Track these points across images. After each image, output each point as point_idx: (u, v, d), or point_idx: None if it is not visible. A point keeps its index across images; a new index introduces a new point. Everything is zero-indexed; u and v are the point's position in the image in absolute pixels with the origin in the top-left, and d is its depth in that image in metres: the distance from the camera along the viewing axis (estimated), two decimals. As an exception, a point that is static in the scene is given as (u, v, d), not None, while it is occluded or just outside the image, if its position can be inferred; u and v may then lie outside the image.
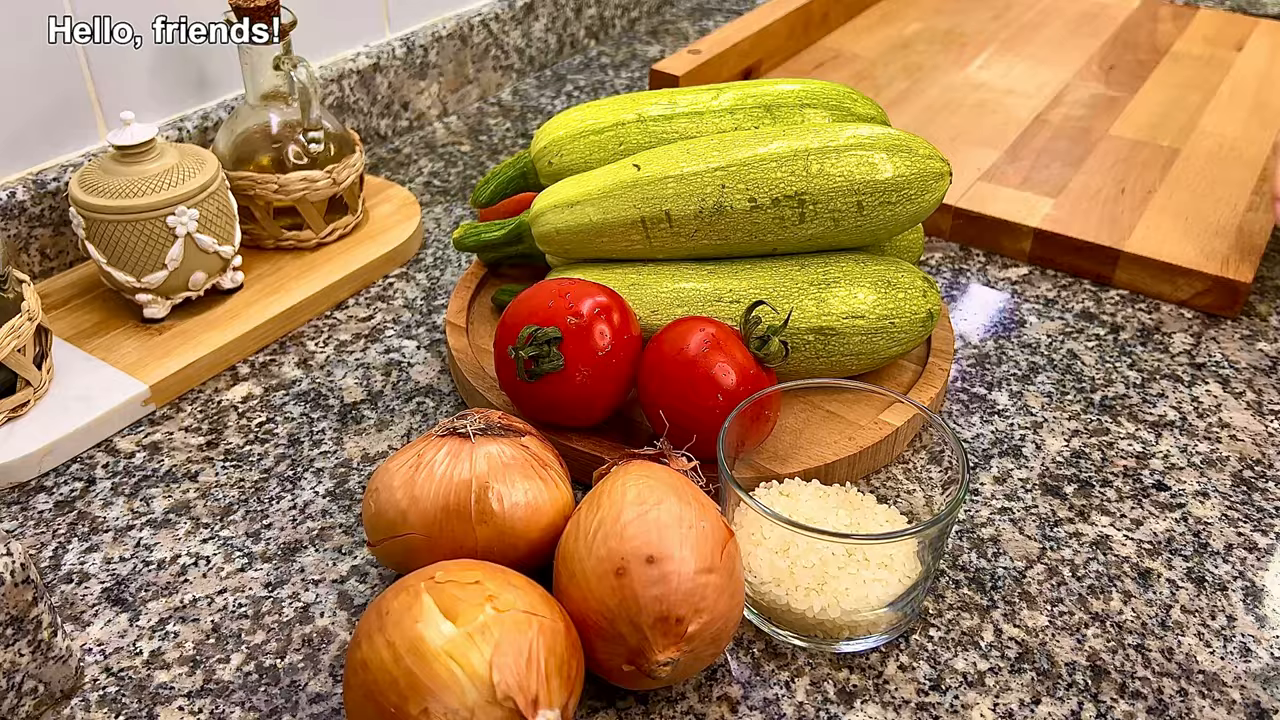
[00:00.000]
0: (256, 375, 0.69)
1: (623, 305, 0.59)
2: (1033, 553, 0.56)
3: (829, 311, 0.61)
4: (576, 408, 0.58)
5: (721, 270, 0.64)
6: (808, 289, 0.62)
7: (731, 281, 0.63)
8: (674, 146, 0.64)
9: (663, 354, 0.57)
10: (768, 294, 0.62)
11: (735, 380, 0.56)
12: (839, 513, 0.55)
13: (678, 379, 0.56)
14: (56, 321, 0.70)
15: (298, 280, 0.75)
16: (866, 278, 0.62)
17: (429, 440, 0.52)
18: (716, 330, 0.57)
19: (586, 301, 0.57)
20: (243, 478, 0.61)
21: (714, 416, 0.55)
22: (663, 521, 0.46)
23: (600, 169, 0.65)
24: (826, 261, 0.63)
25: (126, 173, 0.66)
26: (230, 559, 0.56)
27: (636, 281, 0.64)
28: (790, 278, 0.62)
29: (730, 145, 0.62)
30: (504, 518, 0.49)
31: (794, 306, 0.61)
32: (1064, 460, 0.62)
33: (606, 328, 0.57)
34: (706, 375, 0.56)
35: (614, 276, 0.65)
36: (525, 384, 0.58)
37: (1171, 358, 0.71)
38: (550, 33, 1.11)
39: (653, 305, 0.63)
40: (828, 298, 0.61)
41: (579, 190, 0.64)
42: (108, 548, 0.56)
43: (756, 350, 0.57)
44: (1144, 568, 0.56)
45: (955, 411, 0.66)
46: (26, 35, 0.70)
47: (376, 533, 0.51)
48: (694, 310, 0.63)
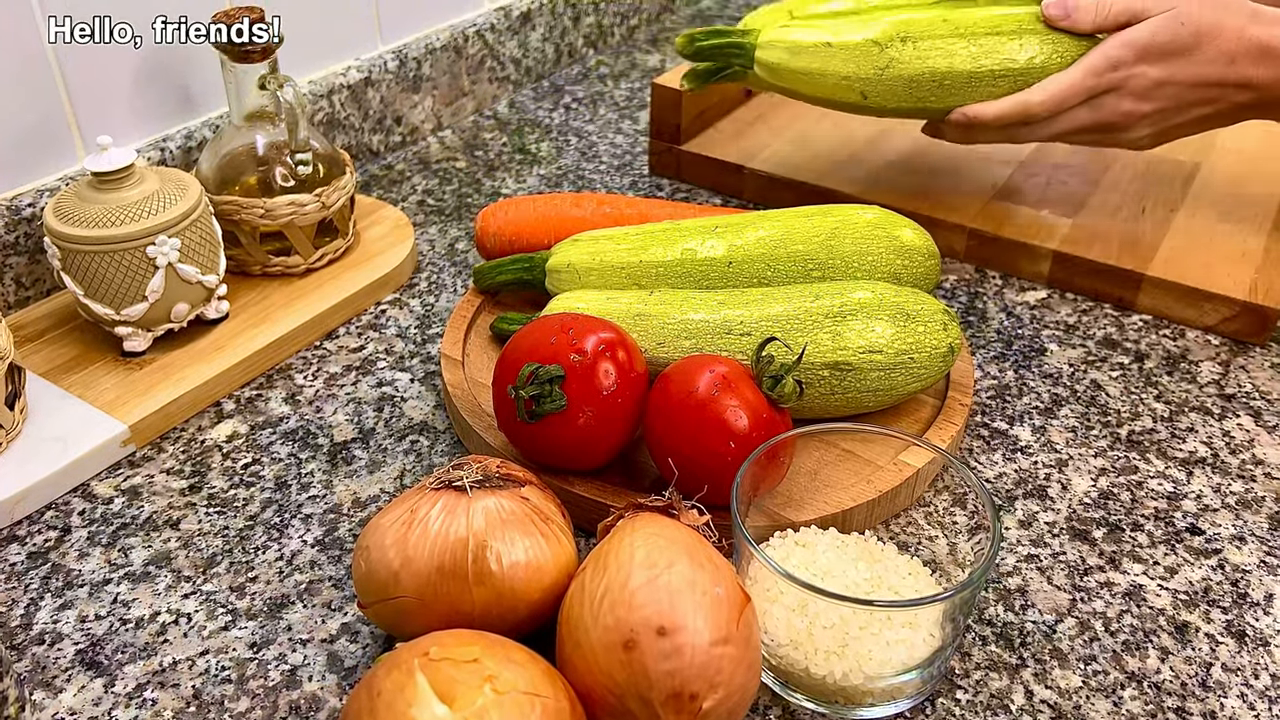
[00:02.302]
0: (242, 412, 0.65)
1: (628, 342, 0.56)
2: (1063, 605, 0.53)
3: (845, 346, 0.58)
4: (580, 450, 0.55)
5: (732, 301, 0.61)
6: (823, 322, 0.59)
7: (742, 312, 0.60)
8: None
9: (670, 395, 0.54)
10: (781, 326, 0.59)
11: (748, 424, 0.52)
12: (858, 565, 0.52)
13: (686, 422, 0.53)
14: (32, 355, 0.67)
15: (286, 309, 0.71)
16: (884, 310, 0.59)
17: (422, 493, 0.48)
18: (727, 370, 0.54)
19: (590, 338, 0.54)
20: (227, 525, 0.57)
21: (724, 463, 0.52)
22: (674, 587, 0.42)
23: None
24: (842, 292, 0.60)
25: (104, 200, 0.63)
26: (213, 616, 0.52)
27: (642, 313, 0.61)
28: (804, 309, 0.59)
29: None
30: (503, 579, 0.46)
31: (808, 341, 0.58)
32: (1091, 502, 0.59)
33: (611, 366, 0.54)
34: (717, 419, 0.53)
35: (618, 306, 0.62)
36: (525, 425, 0.54)
37: (1200, 388, 0.67)
38: (547, 42, 1.08)
39: (659, 337, 0.60)
40: (844, 331, 0.58)
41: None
42: (83, 604, 0.53)
43: (769, 390, 0.54)
44: (1180, 621, 0.52)
45: (976, 449, 0.63)
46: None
47: (368, 594, 0.48)
48: (703, 343, 0.60)
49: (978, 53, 0.70)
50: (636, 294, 0.63)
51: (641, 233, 0.67)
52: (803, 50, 0.74)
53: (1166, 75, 0.69)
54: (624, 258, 0.66)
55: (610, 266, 0.66)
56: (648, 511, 0.49)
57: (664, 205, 0.74)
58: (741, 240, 0.65)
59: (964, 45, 0.71)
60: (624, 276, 0.66)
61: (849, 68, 0.72)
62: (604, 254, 0.66)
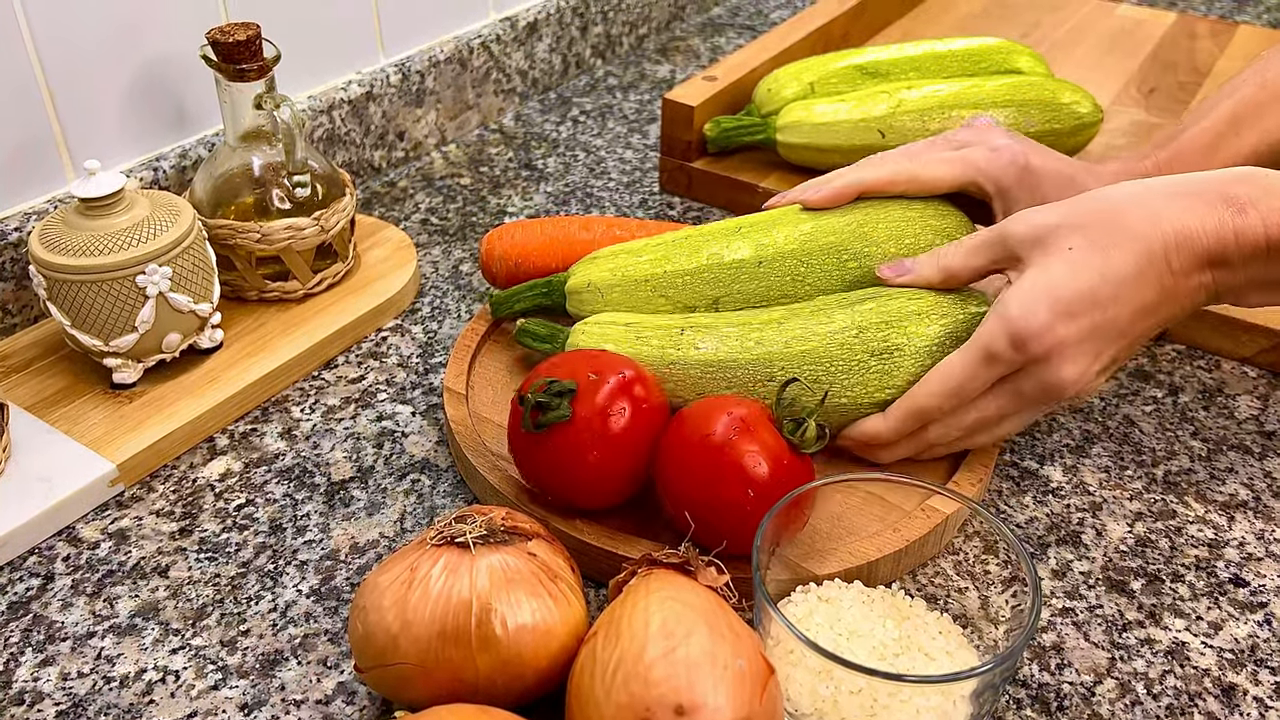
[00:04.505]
0: (236, 448, 0.62)
1: (646, 379, 0.54)
2: (1101, 664, 0.50)
3: (891, 385, 0.55)
4: (586, 477, 0.52)
5: (769, 338, 0.57)
6: (867, 361, 0.56)
7: (780, 349, 0.57)
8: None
9: (684, 438, 0.51)
10: (823, 365, 0.56)
11: (768, 471, 0.49)
12: (886, 624, 0.49)
13: (701, 468, 0.50)
14: (17, 387, 0.64)
15: (282, 337, 0.69)
16: (931, 340, 0.56)
17: (423, 549, 0.45)
18: (746, 412, 0.51)
19: (611, 375, 0.52)
20: (218, 573, 0.55)
21: (743, 513, 0.49)
22: (693, 660, 0.39)
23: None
24: (888, 323, 0.56)
25: (91, 227, 0.60)
26: (202, 674, 0.49)
27: (677, 360, 0.58)
28: (847, 347, 0.56)
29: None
30: (508, 644, 0.43)
31: (854, 382, 0.55)
32: (1128, 549, 0.56)
33: (627, 404, 0.52)
34: (735, 464, 0.50)
35: (650, 351, 0.59)
36: (532, 444, 0.52)
37: (1238, 424, 0.64)
38: (555, 53, 1.05)
39: (698, 388, 0.58)
40: (891, 370, 0.56)
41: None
42: (65, 660, 0.50)
43: (790, 435, 0.51)
44: (1227, 682, 0.49)
45: (1005, 490, 0.60)
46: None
47: (365, 658, 0.45)
48: (744, 392, 0.57)
49: None
50: (667, 331, 0.59)
51: (662, 243, 0.64)
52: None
53: (1093, 325, 0.52)
54: (647, 270, 0.63)
55: (633, 281, 0.63)
56: (663, 568, 0.46)
57: (676, 229, 0.71)
58: (769, 239, 0.62)
59: None
60: (649, 290, 0.62)
61: None
62: (625, 269, 0.63)
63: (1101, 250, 0.52)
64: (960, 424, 0.56)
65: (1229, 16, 1.22)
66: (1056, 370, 0.52)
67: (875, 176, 0.62)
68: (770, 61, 0.93)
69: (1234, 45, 1.08)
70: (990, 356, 0.53)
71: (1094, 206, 0.53)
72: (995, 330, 0.52)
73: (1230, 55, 1.06)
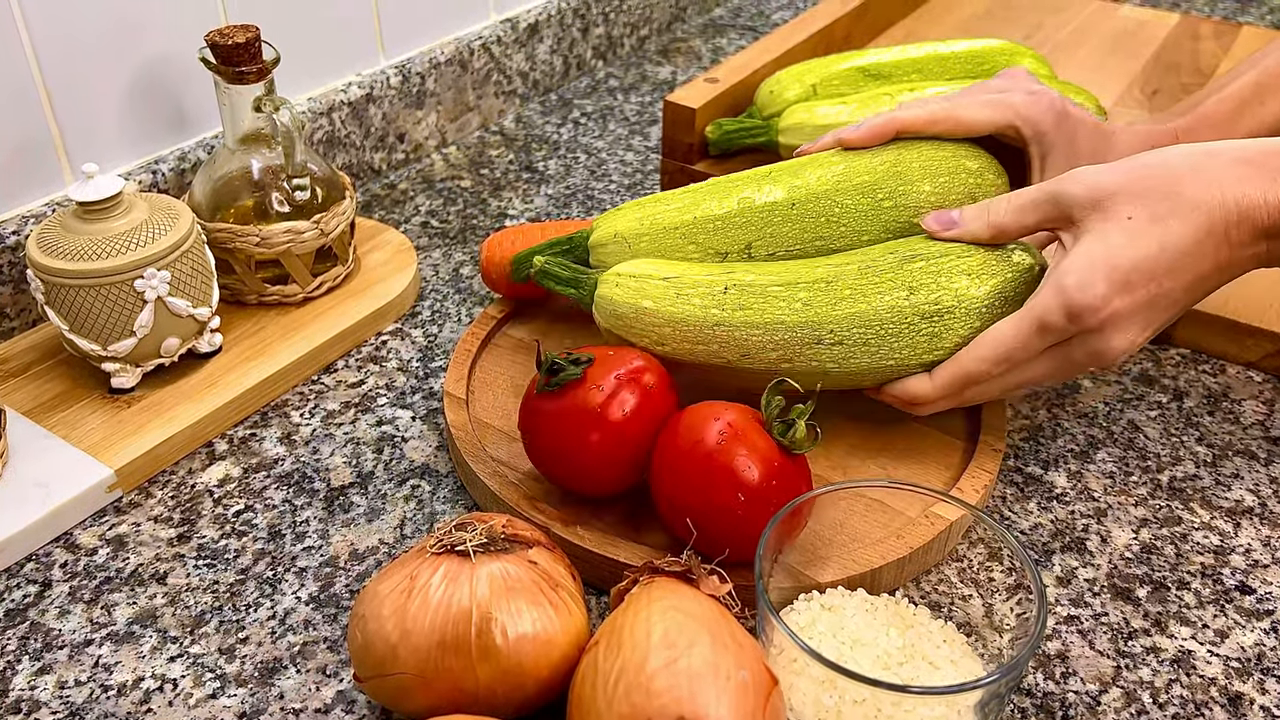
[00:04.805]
0: (235, 453, 0.62)
1: (660, 371, 0.55)
2: (1106, 673, 0.50)
3: (940, 347, 0.55)
4: (587, 459, 0.53)
5: (817, 299, 0.56)
6: (917, 324, 0.55)
7: (829, 311, 0.56)
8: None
9: (675, 445, 0.51)
10: (875, 333, 0.55)
11: (758, 475, 0.49)
12: (890, 632, 0.48)
13: (692, 474, 0.50)
14: (15, 391, 0.63)
15: (282, 341, 0.68)
16: (982, 302, 0.55)
17: (423, 557, 0.45)
18: (735, 416, 0.51)
19: (631, 358, 0.55)
20: (217, 580, 0.54)
21: (734, 517, 0.49)
22: (695, 671, 0.39)
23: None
24: (938, 284, 0.55)
25: (89, 231, 0.60)
26: (200, 682, 0.49)
27: (721, 321, 0.56)
28: (898, 311, 0.55)
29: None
30: (509, 653, 0.43)
31: (903, 345, 0.55)
32: (1133, 556, 0.56)
33: (635, 390, 0.53)
34: (725, 469, 0.49)
35: (691, 310, 0.57)
36: (540, 422, 0.53)
37: (1244, 430, 0.64)
38: (555, 55, 1.05)
39: (743, 349, 0.57)
40: (941, 332, 0.55)
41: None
42: (62, 669, 0.50)
43: (780, 437, 0.50)
44: (1234, 692, 0.49)
45: (1009, 496, 0.59)
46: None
47: (364, 668, 0.44)
48: (791, 354, 0.56)
49: None
50: (710, 290, 0.57)
51: (690, 190, 0.63)
52: None
53: (1149, 297, 0.52)
54: (676, 217, 0.61)
55: (662, 229, 0.61)
56: (665, 577, 0.46)
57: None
58: (801, 181, 0.61)
59: None
60: (679, 237, 0.61)
61: None
62: (653, 217, 0.62)
63: (1161, 221, 0.51)
64: (1003, 385, 0.56)
65: (1232, 18, 1.21)
66: (1108, 340, 0.52)
67: (914, 116, 0.61)
68: (772, 63, 0.93)
69: (1237, 46, 1.07)
70: (1044, 327, 0.53)
71: (1153, 173, 0.53)
72: (1051, 303, 0.52)
73: (1233, 56, 1.05)
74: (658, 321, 0.57)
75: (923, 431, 0.61)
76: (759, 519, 0.48)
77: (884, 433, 0.61)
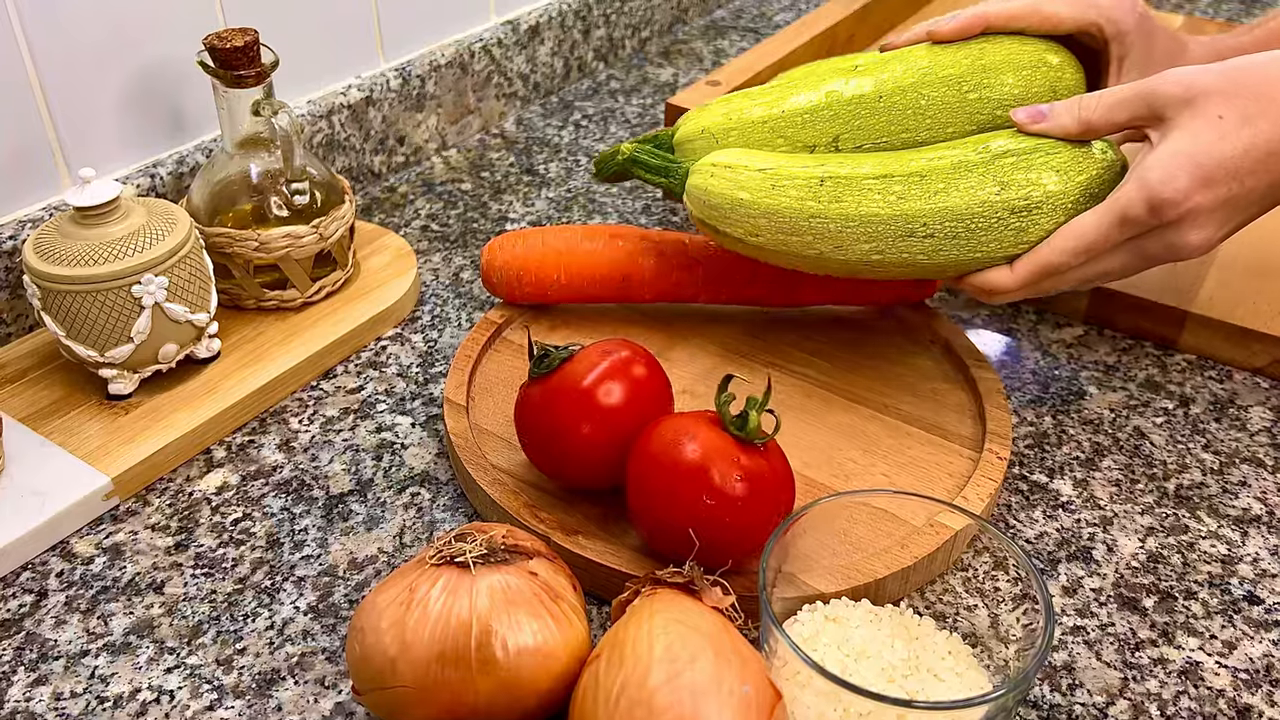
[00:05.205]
0: (233, 460, 0.62)
1: (652, 362, 0.55)
2: (1113, 685, 0.49)
3: (1025, 241, 0.56)
4: (578, 449, 0.53)
5: (911, 193, 0.56)
6: (1007, 218, 0.56)
7: (923, 205, 0.56)
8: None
9: (638, 460, 0.51)
10: (965, 226, 0.56)
11: (720, 475, 0.48)
12: (895, 644, 0.48)
13: (659, 484, 0.49)
14: (12, 398, 0.63)
15: (281, 346, 0.68)
16: (1069, 198, 0.56)
17: (422, 569, 0.45)
18: (691, 420, 0.50)
19: (618, 351, 0.55)
20: (214, 589, 0.54)
21: (704, 520, 0.48)
22: (698, 686, 0.39)
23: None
24: (1028, 179, 0.56)
25: (86, 236, 0.59)
26: (197, 694, 0.49)
27: (816, 213, 0.57)
28: (989, 204, 0.56)
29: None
30: (509, 666, 0.42)
31: (991, 239, 0.56)
32: (1140, 565, 0.55)
33: (621, 381, 0.53)
34: (687, 475, 0.48)
35: (787, 202, 0.57)
36: (532, 415, 0.54)
37: (1250, 437, 0.63)
38: (556, 57, 1.04)
39: (836, 240, 0.57)
40: (1027, 227, 0.56)
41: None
42: (58, 680, 0.49)
43: (737, 431, 0.50)
44: (1242, 704, 0.48)
45: (1014, 504, 0.59)
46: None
47: (363, 681, 0.44)
48: (884, 246, 0.57)
49: None
50: (806, 183, 0.57)
51: (775, 85, 0.63)
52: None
53: (1230, 195, 0.53)
54: (763, 112, 0.62)
55: (750, 123, 0.62)
56: (667, 588, 0.45)
57: (679, 236, 0.70)
58: (888, 74, 0.61)
59: None
60: (767, 130, 0.62)
61: None
62: (741, 111, 0.62)
63: (1251, 121, 0.52)
64: (1080, 276, 0.57)
65: (1236, 19, 1.21)
66: (1185, 235, 0.54)
67: (1000, 9, 0.62)
68: (774, 65, 0.92)
69: (1242, 48, 1.07)
70: (1126, 220, 0.54)
71: (1248, 75, 0.54)
72: (1134, 196, 0.53)
73: (1239, 59, 1.04)
74: (753, 213, 0.58)
75: (927, 439, 0.61)
76: (734, 520, 0.48)
77: (888, 441, 0.61)
